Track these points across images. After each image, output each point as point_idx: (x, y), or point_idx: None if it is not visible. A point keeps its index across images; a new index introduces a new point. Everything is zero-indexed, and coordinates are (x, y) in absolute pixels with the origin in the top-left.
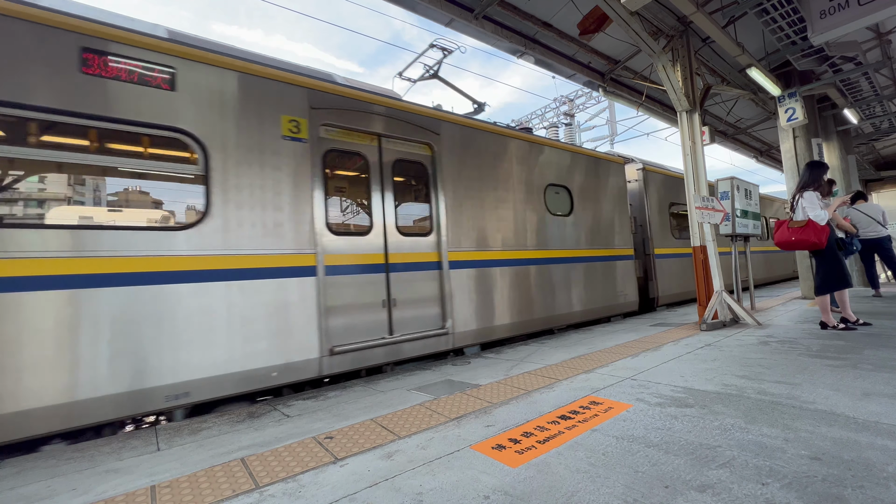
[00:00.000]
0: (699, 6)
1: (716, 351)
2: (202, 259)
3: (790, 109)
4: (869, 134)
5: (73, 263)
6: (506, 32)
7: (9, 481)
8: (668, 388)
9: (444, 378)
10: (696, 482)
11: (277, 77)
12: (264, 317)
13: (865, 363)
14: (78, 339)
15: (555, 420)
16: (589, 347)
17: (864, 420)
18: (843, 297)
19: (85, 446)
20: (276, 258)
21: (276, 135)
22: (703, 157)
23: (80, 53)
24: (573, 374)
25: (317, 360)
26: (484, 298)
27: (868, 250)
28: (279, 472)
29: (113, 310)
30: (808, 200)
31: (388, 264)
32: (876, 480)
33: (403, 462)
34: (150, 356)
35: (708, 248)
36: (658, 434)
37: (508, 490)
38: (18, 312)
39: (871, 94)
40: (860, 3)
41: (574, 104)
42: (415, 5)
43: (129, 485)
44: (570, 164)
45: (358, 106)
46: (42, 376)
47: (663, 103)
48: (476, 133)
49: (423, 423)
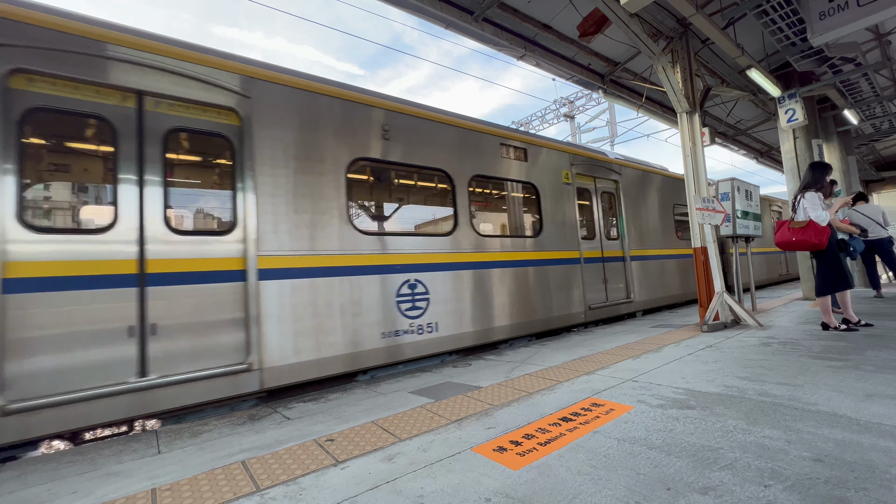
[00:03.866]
0: (698, 8)
1: (717, 352)
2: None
3: (790, 110)
4: (869, 135)
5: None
6: (505, 34)
7: (9, 485)
8: (669, 389)
9: (445, 380)
10: (698, 484)
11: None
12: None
13: (867, 364)
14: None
15: (556, 422)
16: (590, 349)
17: (867, 421)
18: (845, 298)
19: (85, 449)
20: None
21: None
22: (704, 158)
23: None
24: (574, 376)
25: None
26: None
27: (869, 251)
28: (280, 474)
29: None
30: (810, 201)
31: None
32: (879, 482)
33: (404, 464)
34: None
35: (708, 249)
36: (659, 436)
37: (510, 492)
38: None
39: (871, 95)
40: (859, 4)
41: (574, 106)
42: (414, 8)
43: (129, 488)
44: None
45: (83, 46)
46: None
47: (663, 105)
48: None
49: (423, 426)
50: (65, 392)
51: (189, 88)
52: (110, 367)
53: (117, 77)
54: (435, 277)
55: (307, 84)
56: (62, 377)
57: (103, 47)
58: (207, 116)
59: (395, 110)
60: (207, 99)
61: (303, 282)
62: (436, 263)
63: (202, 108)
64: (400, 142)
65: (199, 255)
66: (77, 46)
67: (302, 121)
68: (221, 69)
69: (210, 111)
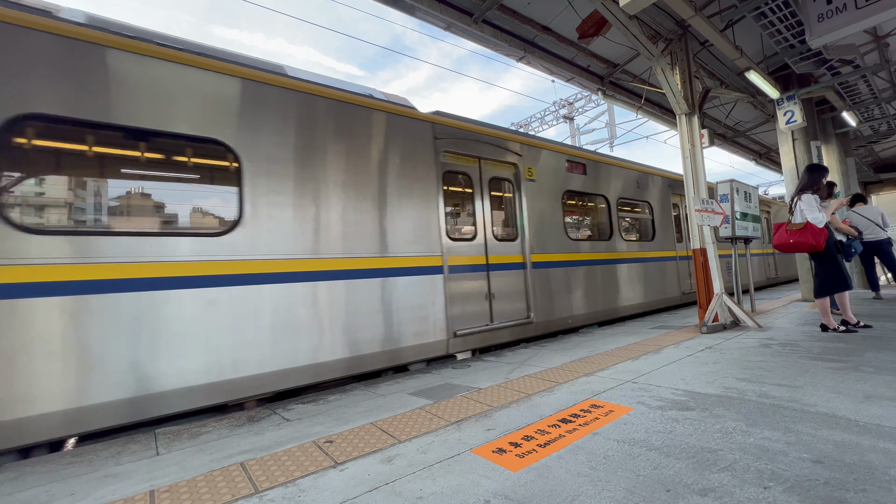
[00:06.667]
0: (697, 10)
1: (716, 354)
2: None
3: (789, 112)
4: (868, 136)
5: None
6: (505, 36)
7: (7, 486)
8: (668, 391)
9: (445, 381)
10: (698, 486)
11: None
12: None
13: (867, 366)
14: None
15: (555, 423)
16: (589, 350)
17: (866, 423)
18: (844, 299)
19: (84, 450)
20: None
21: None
22: (703, 159)
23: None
24: (574, 378)
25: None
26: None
27: (868, 252)
28: (279, 476)
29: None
30: (807, 203)
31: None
32: (878, 484)
33: (404, 466)
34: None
35: (708, 250)
36: (659, 437)
37: (509, 494)
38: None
39: (869, 97)
40: (857, 7)
41: (573, 107)
42: (414, 10)
43: (127, 490)
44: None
45: (465, 135)
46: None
47: (662, 106)
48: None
49: (423, 427)
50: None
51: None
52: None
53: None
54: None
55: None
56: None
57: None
58: (505, 169)
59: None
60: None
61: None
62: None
63: (502, 164)
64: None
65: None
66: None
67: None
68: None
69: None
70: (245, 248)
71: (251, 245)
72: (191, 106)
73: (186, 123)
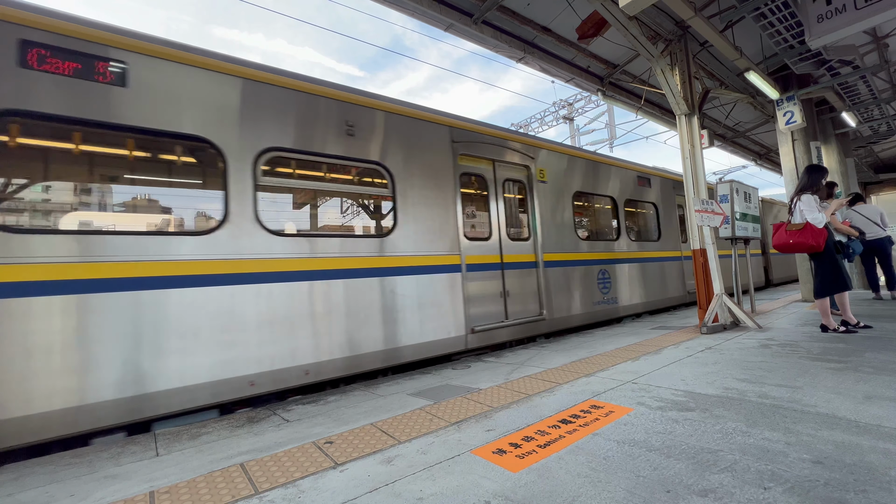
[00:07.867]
0: (697, 11)
1: (716, 354)
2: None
3: (788, 113)
4: (867, 137)
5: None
6: (505, 37)
7: (7, 487)
8: (668, 391)
9: (444, 382)
10: (698, 487)
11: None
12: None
13: (867, 366)
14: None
15: (556, 424)
16: (589, 351)
17: (866, 423)
18: (843, 299)
19: (84, 451)
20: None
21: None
22: (703, 160)
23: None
24: (574, 378)
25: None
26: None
27: (868, 253)
28: (279, 477)
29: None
30: (806, 203)
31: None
32: (878, 484)
33: (403, 467)
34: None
35: (708, 251)
36: (659, 438)
37: (509, 495)
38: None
39: (868, 98)
40: (857, 7)
41: (573, 108)
42: (414, 10)
43: (127, 490)
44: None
45: (478, 138)
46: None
47: (662, 107)
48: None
49: (423, 428)
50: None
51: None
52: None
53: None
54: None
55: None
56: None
57: (483, 138)
58: (518, 172)
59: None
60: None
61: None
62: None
63: (515, 166)
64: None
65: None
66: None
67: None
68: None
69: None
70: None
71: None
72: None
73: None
